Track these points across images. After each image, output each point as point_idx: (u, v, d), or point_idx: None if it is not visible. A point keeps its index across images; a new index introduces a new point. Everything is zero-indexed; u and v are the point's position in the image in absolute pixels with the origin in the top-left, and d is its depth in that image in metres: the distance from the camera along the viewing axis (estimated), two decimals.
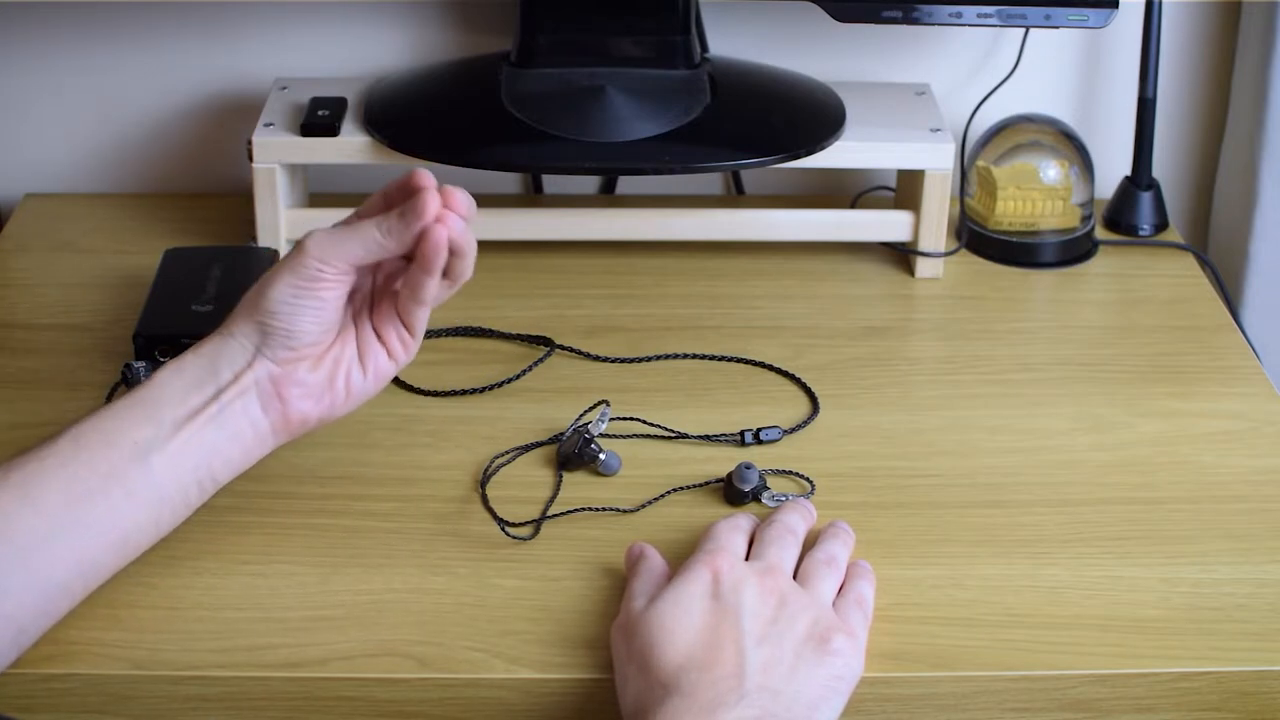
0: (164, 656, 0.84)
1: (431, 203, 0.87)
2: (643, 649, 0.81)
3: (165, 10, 1.27)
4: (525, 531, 0.93)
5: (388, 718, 0.84)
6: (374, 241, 0.88)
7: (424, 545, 0.92)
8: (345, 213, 1.20)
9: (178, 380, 0.88)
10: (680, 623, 0.81)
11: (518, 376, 1.08)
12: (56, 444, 0.84)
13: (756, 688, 0.78)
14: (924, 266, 1.21)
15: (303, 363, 0.89)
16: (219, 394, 0.88)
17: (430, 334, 1.11)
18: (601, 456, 0.98)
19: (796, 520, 0.91)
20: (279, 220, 1.17)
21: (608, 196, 1.34)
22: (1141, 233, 1.28)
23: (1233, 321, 1.17)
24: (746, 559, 0.87)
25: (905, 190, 1.23)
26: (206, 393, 0.87)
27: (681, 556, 0.92)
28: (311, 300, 0.88)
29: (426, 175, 0.88)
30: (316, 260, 0.87)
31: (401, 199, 0.88)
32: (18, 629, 0.81)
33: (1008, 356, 1.12)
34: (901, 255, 1.23)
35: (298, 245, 0.89)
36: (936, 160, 1.18)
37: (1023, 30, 1.27)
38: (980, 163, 1.24)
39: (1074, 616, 0.88)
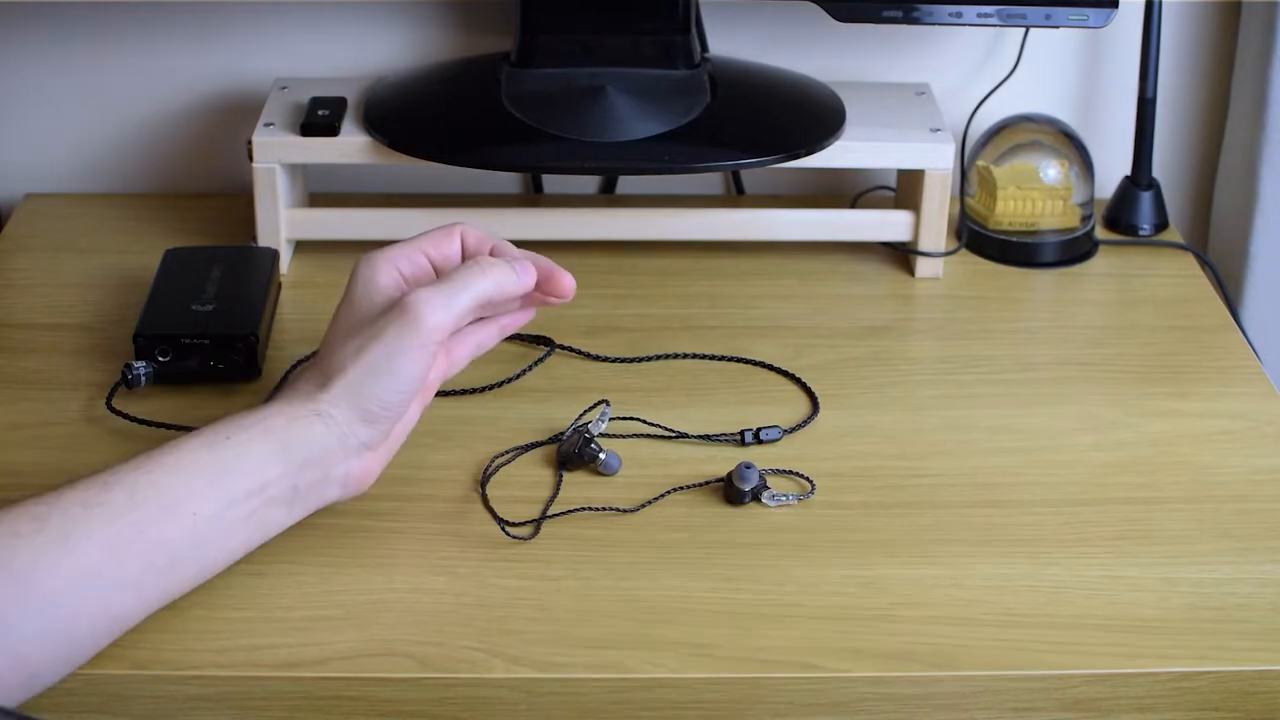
0: (164, 656, 0.84)
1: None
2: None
3: (165, 10, 1.27)
4: (525, 531, 0.93)
5: (388, 718, 0.84)
6: (484, 294, 0.88)
7: (424, 545, 0.92)
8: (345, 212, 1.21)
9: (255, 447, 0.83)
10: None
11: (518, 376, 1.08)
12: (109, 493, 0.79)
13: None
14: (924, 266, 1.21)
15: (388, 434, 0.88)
16: (299, 473, 0.84)
17: None
18: (601, 456, 0.98)
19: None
20: (279, 220, 1.17)
21: (608, 196, 1.34)
22: (1141, 233, 1.28)
23: (1233, 321, 1.17)
24: None
25: (905, 190, 1.23)
26: (284, 468, 0.83)
27: (681, 556, 0.92)
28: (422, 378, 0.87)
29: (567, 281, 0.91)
30: (438, 333, 0.85)
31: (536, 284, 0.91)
32: (30, 674, 0.77)
33: (1008, 356, 1.12)
34: (901, 255, 1.23)
35: (402, 306, 0.85)
36: (936, 160, 1.18)
37: (1023, 30, 1.27)
38: (980, 162, 1.24)
39: (1074, 616, 0.88)
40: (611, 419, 1.02)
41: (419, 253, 0.91)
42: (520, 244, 1.21)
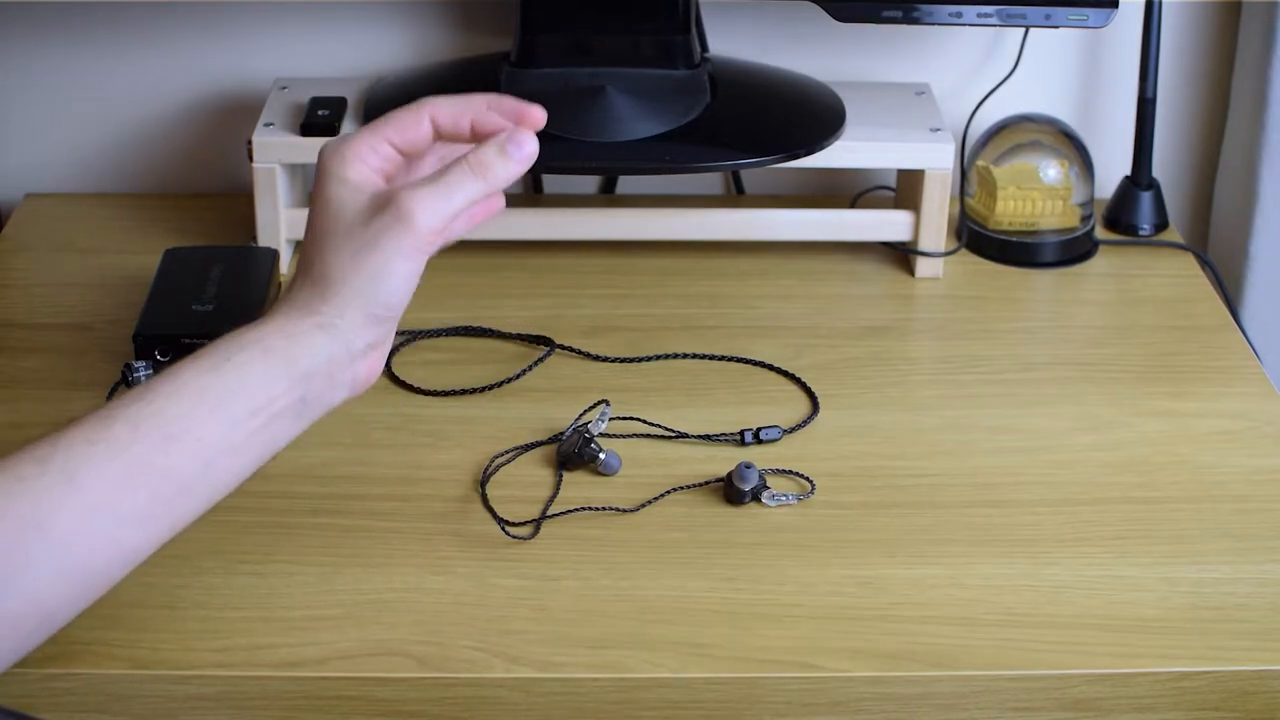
0: (164, 656, 0.84)
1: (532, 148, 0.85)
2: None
3: (165, 10, 1.27)
4: (525, 531, 0.93)
5: (387, 717, 0.84)
6: (477, 195, 0.84)
7: (424, 545, 0.92)
8: None
9: (256, 367, 0.81)
10: None
11: (518, 376, 1.08)
12: (112, 428, 0.78)
13: None
14: (924, 266, 1.21)
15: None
16: (305, 384, 0.82)
17: (430, 334, 1.11)
18: (601, 456, 0.98)
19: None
20: (279, 220, 1.17)
21: (608, 196, 1.34)
22: (1141, 232, 1.28)
23: (1233, 321, 1.17)
24: None
25: (905, 190, 1.23)
26: (289, 383, 0.82)
27: (681, 556, 0.92)
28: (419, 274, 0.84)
29: (538, 111, 0.87)
30: (434, 237, 0.83)
31: (490, 130, 0.86)
32: (48, 613, 0.77)
33: (1008, 356, 1.12)
34: (901, 255, 1.23)
35: (395, 209, 0.82)
36: (936, 160, 1.18)
37: (1023, 30, 1.27)
38: (980, 162, 1.24)
39: (1074, 616, 0.88)
40: (611, 419, 1.02)
41: (384, 141, 0.87)
42: (520, 244, 1.21)
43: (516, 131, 0.86)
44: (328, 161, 0.86)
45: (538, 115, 0.87)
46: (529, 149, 0.86)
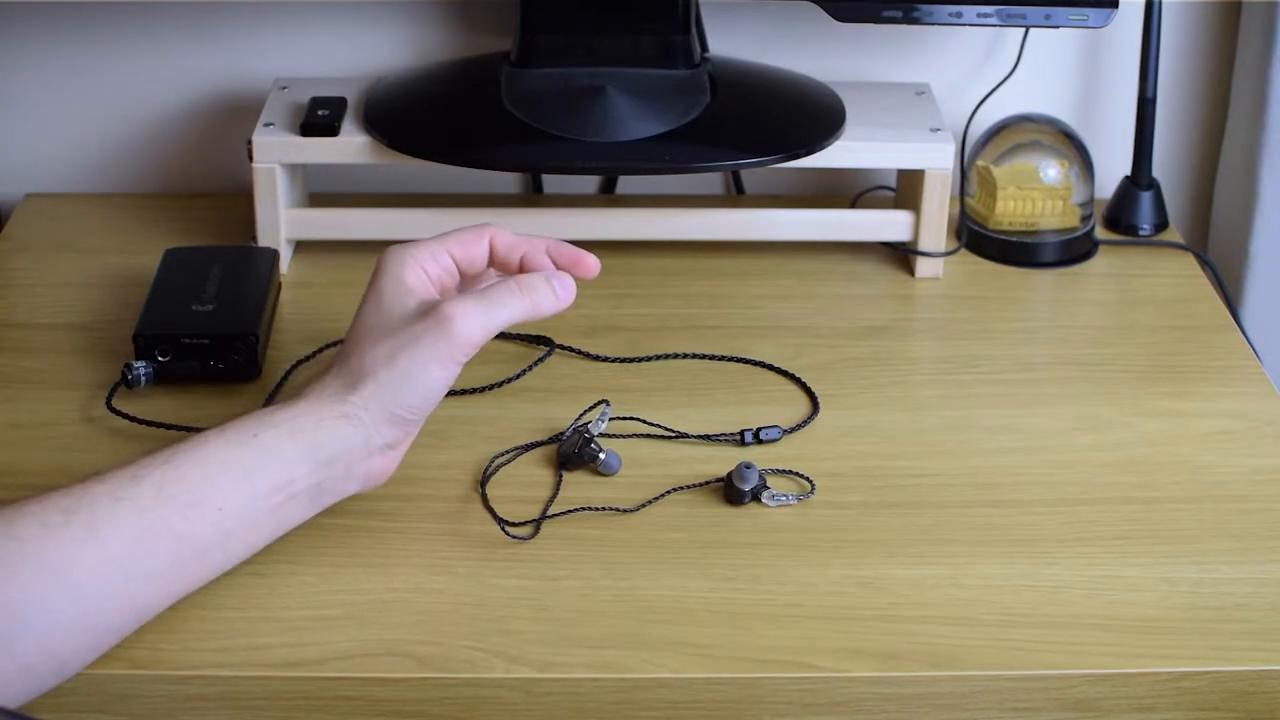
0: (164, 656, 0.84)
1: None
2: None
3: (165, 10, 1.27)
4: (525, 531, 0.93)
5: (387, 717, 0.84)
6: (518, 316, 0.88)
7: (424, 545, 0.92)
8: (345, 212, 1.21)
9: (283, 445, 0.84)
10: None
11: (518, 376, 1.08)
12: (138, 486, 0.80)
13: None
14: (924, 266, 1.21)
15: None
16: (325, 470, 0.85)
17: None
18: (601, 456, 0.98)
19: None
20: (279, 220, 1.17)
21: (608, 196, 1.34)
22: (1141, 232, 1.28)
23: (1233, 321, 1.17)
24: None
25: (905, 190, 1.23)
26: (311, 467, 0.85)
27: (681, 556, 0.92)
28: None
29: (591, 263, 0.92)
30: (470, 349, 0.87)
31: (537, 268, 0.91)
32: (60, 664, 0.78)
33: (1008, 356, 1.12)
34: (901, 255, 1.23)
35: (438, 316, 0.86)
36: (936, 160, 1.18)
37: (1023, 30, 1.27)
38: (980, 162, 1.25)
39: (1074, 616, 0.88)
40: (611, 419, 1.02)
41: (445, 253, 0.91)
42: None
43: (563, 273, 0.91)
44: (389, 263, 0.89)
45: (591, 264, 0.92)
46: (571, 291, 0.90)
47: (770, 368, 1.09)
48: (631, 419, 1.03)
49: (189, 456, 0.83)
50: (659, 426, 1.02)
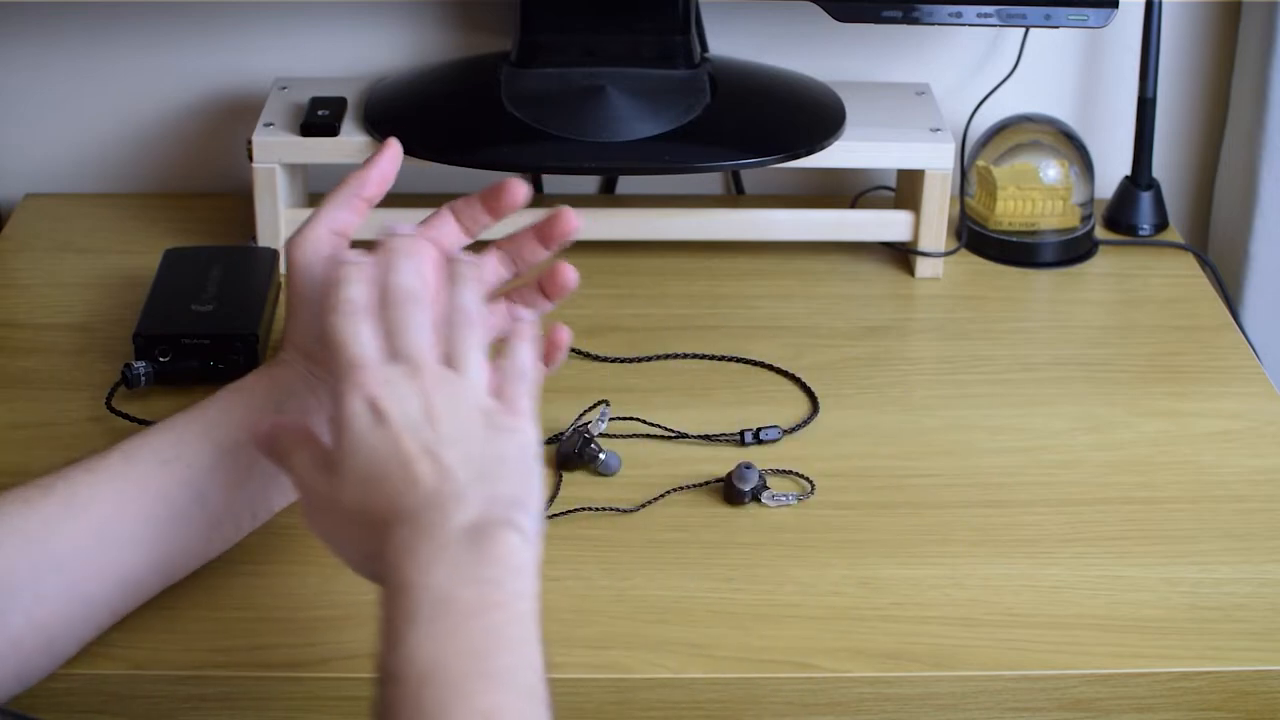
0: (164, 656, 0.84)
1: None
2: (354, 512, 0.76)
3: (165, 10, 1.27)
4: None
5: None
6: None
7: None
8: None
9: (240, 401, 0.86)
10: (371, 469, 0.75)
11: None
12: (108, 458, 0.83)
13: (468, 481, 0.74)
14: (924, 266, 1.21)
15: None
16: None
17: None
18: (601, 456, 0.98)
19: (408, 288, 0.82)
20: (279, 220, 1.17)
21: (608, 196, 1.34)
22: (1141, 233, 1.28)
23: (1233, 321, 1.17)
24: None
25: (905, 190, 1.23)
26: (265, 417, 0.85)
27: (681, 556, 0.92)
28: None
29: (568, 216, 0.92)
30: (317, 260, 0.87)
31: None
32: (49, 638, 0.79)
33: (1008, 356, 1.12)
34: (901, 255, 1.23)
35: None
36: (936, 160, 1.18)
37: (1023, 30, 1.27)
38: (980, 162, 1.25)
39: (1074, 616, 0.88)
40: (611, 419, 1.02)
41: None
42: None
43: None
44: (288, 257, 0.88)
45: (569, 216, 0.94)
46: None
47: (770, 368, 1.09)
48: (631, 419, 1.03)
49: (153, 428, 0.85)
50: (659, 426, 1.02)
